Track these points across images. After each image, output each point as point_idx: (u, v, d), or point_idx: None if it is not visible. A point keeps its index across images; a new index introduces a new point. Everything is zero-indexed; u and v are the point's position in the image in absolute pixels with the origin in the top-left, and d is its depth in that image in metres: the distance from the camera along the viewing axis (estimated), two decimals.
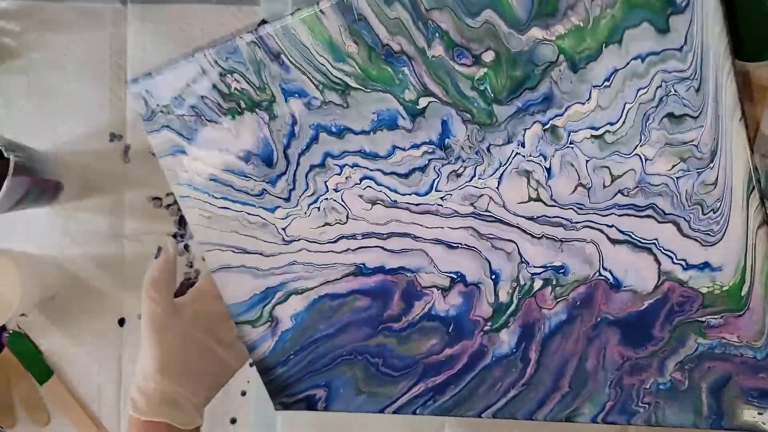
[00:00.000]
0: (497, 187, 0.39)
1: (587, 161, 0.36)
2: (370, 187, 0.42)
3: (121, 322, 0.59)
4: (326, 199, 0.43)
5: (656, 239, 0.37)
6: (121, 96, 0.59)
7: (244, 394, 0.58)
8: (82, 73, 0.59)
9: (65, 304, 0.59)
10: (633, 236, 0.37)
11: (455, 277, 0.42)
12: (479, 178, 0.39)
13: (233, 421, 0.58)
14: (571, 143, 0.36)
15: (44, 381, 0.58)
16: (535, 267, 0.40)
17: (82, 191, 0.59)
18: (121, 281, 0.59)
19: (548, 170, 0.38)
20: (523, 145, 0.37)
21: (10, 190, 0.48)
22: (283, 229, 0.45)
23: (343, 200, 0.43)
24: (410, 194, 0.41)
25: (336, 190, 0.42)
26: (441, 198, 0.40)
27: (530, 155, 0.37)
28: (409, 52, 0.36)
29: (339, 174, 0.42)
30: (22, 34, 0.59)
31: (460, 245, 0.41)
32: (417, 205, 0.41)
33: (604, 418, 0.40)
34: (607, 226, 0.38)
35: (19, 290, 0.52)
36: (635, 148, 0.35)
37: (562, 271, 0.40)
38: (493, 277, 0.41)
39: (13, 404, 0.58)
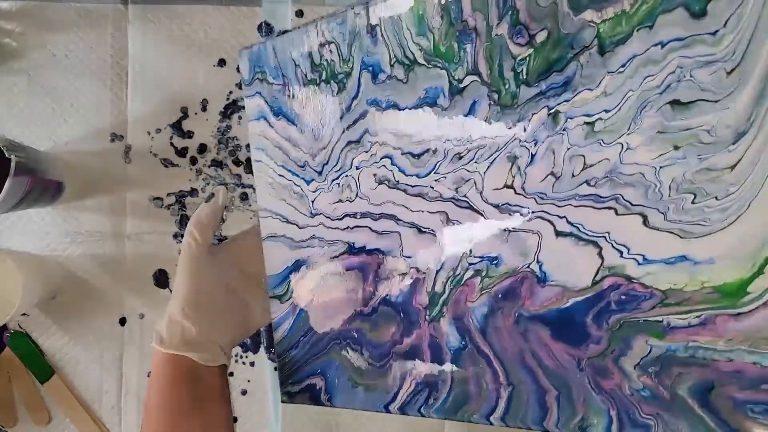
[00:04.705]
0: (485, 172, 0.39)
1: (567, 149, 0.36)
2: (384, 165, 0.43)
3: (122, 321, 0.59)
4: (346, 175, 0.44)
5: (608, 232, 0.35)
6: (123, 96, 0.59)
7: (245, 393, 0.58)
8: (83, 74, 0.59)
9: (66, 304, 0.59)
10: (581, 228, 0.36)
11: (410, 262, 0.42)
12: (475, 162, 0.39)
13: (234, 420, 0.58)
14: (563, 130, 0.36)
15: (45, 380, 0.58)
16: (475, 257, 0.39)
17: (83, 191, 0.59)
18: (122, 281, 0.59)
19: (533, 156, 0.37)
20: (525, 129, 0.37)
21: (11, 191, 0.49)
22: (312, 201, 0.46)
23: (358, 178, 0.44)
24: (412, 176, 0.42)
25: (357, 168, 0.44)
26: (435, 180, 0.41)
27: (525, 140, 0.37)
28: (480, 29, 0.38)
29: (367, 151, 0.43)
30: (23, 35, 0.59)
31: (428, 230, 0.41)
32: (413, 186, 0.42)
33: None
34: (558, 217, 0.36)
35: (20, 290, 0.52)
36: (620, 137, 0.34)
37: (495, 261, 0.39)
38: (440, 265, 0.41)
39: (14, 403, 0.59)
